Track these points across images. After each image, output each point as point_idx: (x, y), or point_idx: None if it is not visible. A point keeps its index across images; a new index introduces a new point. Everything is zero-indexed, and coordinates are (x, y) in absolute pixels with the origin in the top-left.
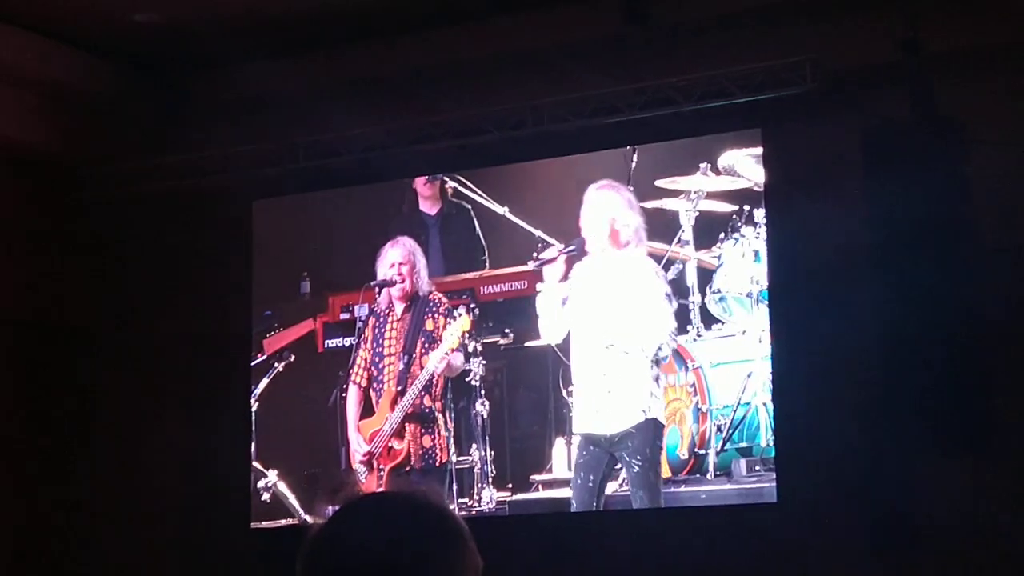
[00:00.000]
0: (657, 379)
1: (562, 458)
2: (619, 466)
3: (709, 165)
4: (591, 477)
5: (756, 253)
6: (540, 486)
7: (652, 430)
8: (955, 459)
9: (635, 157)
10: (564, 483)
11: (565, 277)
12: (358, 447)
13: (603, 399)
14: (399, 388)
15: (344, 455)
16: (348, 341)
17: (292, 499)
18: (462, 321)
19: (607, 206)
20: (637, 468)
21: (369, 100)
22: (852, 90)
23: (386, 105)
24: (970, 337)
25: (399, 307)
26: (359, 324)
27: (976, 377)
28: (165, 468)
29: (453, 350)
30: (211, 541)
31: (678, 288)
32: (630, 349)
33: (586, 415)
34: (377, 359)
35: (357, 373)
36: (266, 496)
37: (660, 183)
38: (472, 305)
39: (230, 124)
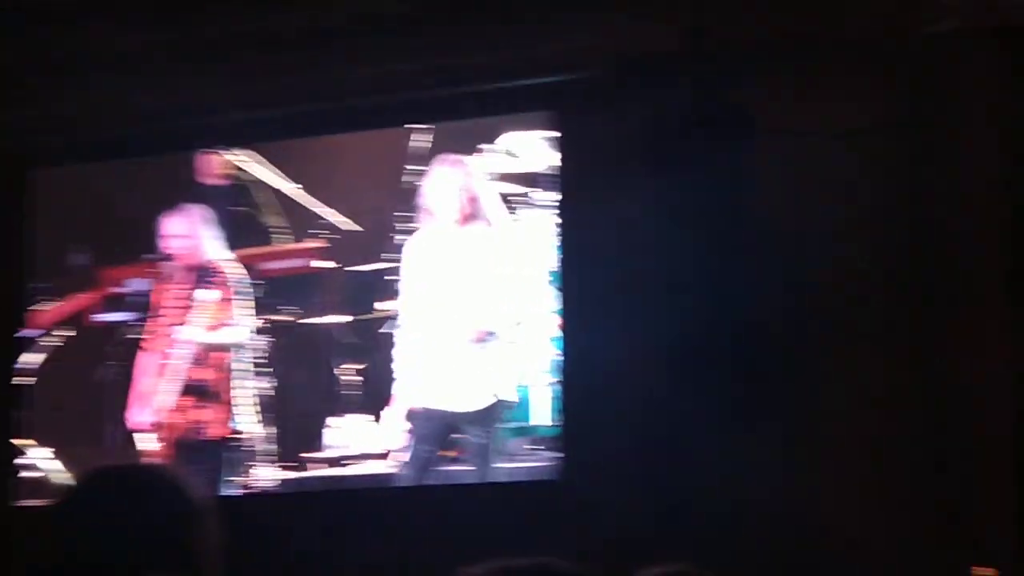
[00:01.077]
0: (506, 359)
1: (339, 437)
2: (457, 438)
3: (496, 146)
4: (426, 447)
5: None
6: (317, 464)
7: (500, 410)
8: (739, 437)
9: (422, 136)
10: (338, 462)
11: None
12: (140, 417)
13: (451, 378)
14: (173, 360)
15: (114, 430)
16: (122, 315)
17: (59, 476)
18: (205, 306)
19: (456, 180)
20: (478, 440)
21: (155, 70)
22: (642, 77)
23: (176, 75)
24: (755, 321)
25: (182, 276)
26: (136, 297)
27: (759, 359)
28: None
29: (214, 327)
30: None
31: None
32: (478, 328)
33: (432, 392)
34: (159, 328)
35: (145, 341)
36: (32, 473)
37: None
38: (260, 283)
39: (7, 89)
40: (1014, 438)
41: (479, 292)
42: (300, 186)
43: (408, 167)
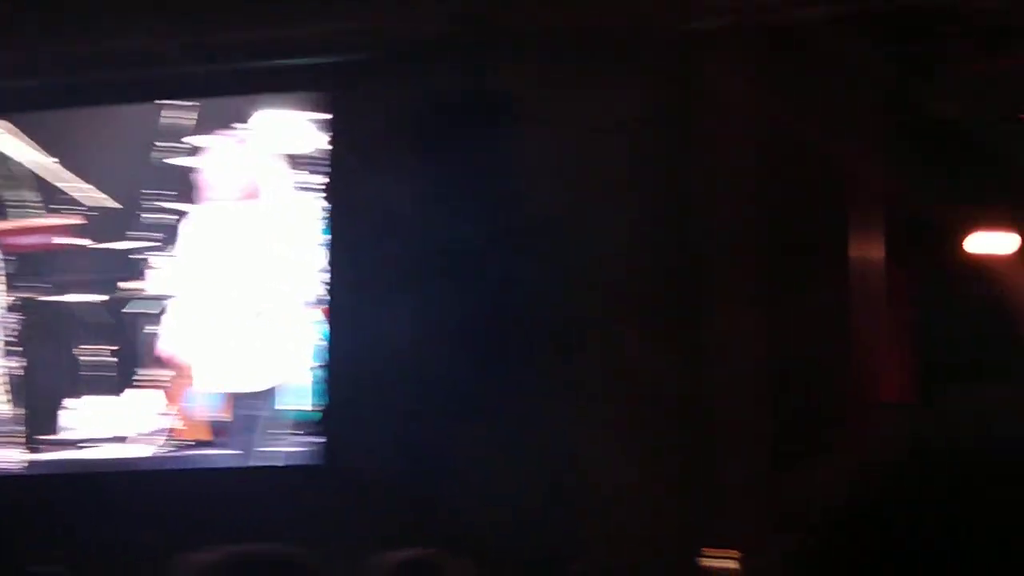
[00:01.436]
0: (283, 338)
1: (85, 418)
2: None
3: (252, 126)
4: (243, 438)
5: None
6: (55, 446)
7: (276, 389)
8: (499, 420)
9: (181, 112)
10: (82, 443)
11: None
12: None
13: (230, 356)
14: None
15: None
16: None
17: None
18: None
19: (236, 156)
20: (248, 417)
21: None
22: (411, 61)
23: None
24: (520, 305)
25: None
26: None
27: (523, 342)
28: None
29: None
30: None
31: None
32: (258, 305)
33: (218, 374)
34: None
35: None
36: None
37: (196, 140)
38: (11, 258)
39: None
40: (768, 425)
41: (259, 270)
42: (53, 160)
43: (162, 144)
